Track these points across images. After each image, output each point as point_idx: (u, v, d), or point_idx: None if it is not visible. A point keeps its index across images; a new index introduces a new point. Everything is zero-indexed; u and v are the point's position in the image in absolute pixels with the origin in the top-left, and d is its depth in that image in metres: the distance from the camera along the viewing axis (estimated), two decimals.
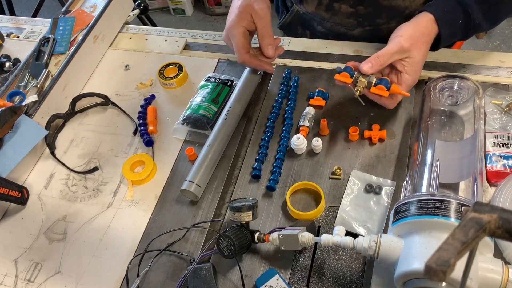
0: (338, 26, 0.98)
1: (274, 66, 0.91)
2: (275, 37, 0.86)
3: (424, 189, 0.64)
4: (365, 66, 0.72)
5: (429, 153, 0.69)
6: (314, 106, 0.84)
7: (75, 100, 0.93)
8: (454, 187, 0.65)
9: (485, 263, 0.53)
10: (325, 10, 0.96)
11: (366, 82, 0.74)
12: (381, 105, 0.80)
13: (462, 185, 0.65)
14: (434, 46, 0.80)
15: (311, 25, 1.02)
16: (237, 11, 0.81)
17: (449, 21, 0.77)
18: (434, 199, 0.56)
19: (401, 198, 0.69)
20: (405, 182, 0.70)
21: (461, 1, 0.76)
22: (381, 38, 0.87)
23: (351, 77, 0.75)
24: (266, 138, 0.81)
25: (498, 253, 0.62)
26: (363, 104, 0.77)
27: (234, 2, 0.85)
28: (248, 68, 0.90)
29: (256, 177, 0.77)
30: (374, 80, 0.75)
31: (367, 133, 0.79)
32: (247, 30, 0.83)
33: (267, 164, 0.79)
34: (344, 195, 0.73)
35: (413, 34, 0.74)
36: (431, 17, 0.76)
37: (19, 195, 0.79)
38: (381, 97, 0.77)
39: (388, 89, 0.74)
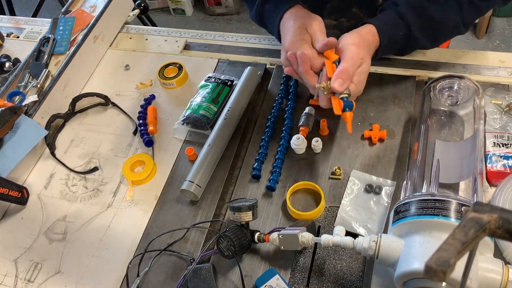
0: None
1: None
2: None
3: (424, 189, 0.64)
4: (337, 85, 0.68)
5: (429, 153, 0.69)
6: (314, 106, 0.84)
7: (75, 100, 0.93)
8: (454, 187, 0.66)
9: (485, 263, 0.53)
10: None
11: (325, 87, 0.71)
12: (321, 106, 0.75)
13: (462, 185, 0.65)
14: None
15: None
16: (293, 29, 0.77)
17: (389, 32, 0.79)
18: (434, 199, 0.56)
19: (401, 198, 0.69)
20: (405, 182, 0.70)
21: (402, 15, 0.78)
22: None
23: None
24: (266, 138, 0.81)
25: (498, 253, 0.62)
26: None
27: (287, 25, 0.79)
28: (248, 68, 0.90)
29: (256, 177, 0.77)
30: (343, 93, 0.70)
31: (367, 133, 0.79)
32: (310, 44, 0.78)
33: (267, 164, 0.79)
34: (344, 195, 0.73)
35: (360, 43, 0.74)
36: (373, 28, 0.78)
37: (19, 195, 0.79)
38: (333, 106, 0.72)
39: (343, 111, 0.70)
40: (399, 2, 0.80)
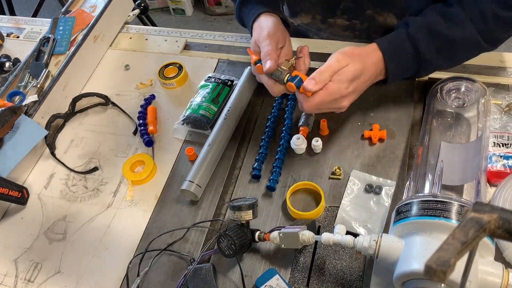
0: (334, 37, 0.98)
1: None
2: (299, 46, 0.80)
3: (426, 190, 0.64)
4: (310, 85, 0.69)
5: (433, 154, 0.69)
6: None
7: (75, 100, 0.93)
8: (457, 189, 0.66)
9: (485, 266, 0.53)
10: (321, 22, 0.96)
11: (279, 78, 0.73)
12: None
13: (465, 186, 0.65)
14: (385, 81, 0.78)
15: (306, 35, 1.02)
16: (270, 28, 0.77)
17: (396, 55, 0.75)
18: (436, 200, 0.55)
19: (403, 198, 0.69)
20: (407, 182, 0.70)
21: (410, 35, 0.74)
22: None
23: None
24: (266, 138, 0.81)
25: (498, 253, 0.62)
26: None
27: (261, 22, 0.79)
28: (248, 68, 0.90)
29: (256, 177, 0.77)
30: (286, 77, 0.72)
31: (367, 133, 0.79)
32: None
33: (267, 164, 0.79)
34: (344, 195, 0.73)
35: (353, 52, 0.72)
36: (375, 47, 0.74)
37: (19, 195, 0.79)
38: (299, 93, 0.73)
39: (298, 87, 0.71)
40: (411, 22, 0.76)
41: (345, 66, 0.70)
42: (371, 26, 0.91)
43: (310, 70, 0.75)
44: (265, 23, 0.78)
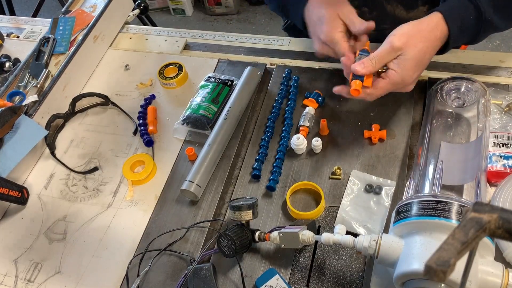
0: None
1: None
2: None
3: (426, 190, 0.64)
4: (358, 67, 0.70)
5: (433, 154, 0.69)
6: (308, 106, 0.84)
7: (75, 100, 0.93)
8: (457, 189, 0.66)
9: (485, 266, 0.53)
10: None
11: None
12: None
13: (465, 186, 0.65)
14: (445, 47, 0.76)
15: None
16: (326, 19, 0.76)
17: (458, 16, 0.73)
18: (436, 200, 0.55)
19: (403, 198, 0.69)
20: (407, 182, 0.70)
21: None
22: None
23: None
24: (266, 138, 0.81)
25: (498, 253, 0.62)
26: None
27: (315, 13, 0.79)
28: (248, 68, 0.90)
29: (256, 177, 0.77)
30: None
31: (367, 133, 0.79)
32: (344, 33, 0.77)
33: (267, 164, 0.79)
34: (344, 195, 0.73)
35: (409, 32, 0.71)
36: (438, 14, 0.73)
37: (19, 195, 0.79)
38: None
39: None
40: None
41: (404, 52, 0.69)
42: (380, 15, 0.90)
43: None
44: (317, 13, 0.77)
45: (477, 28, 0.75)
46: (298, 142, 0.77)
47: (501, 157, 0.72)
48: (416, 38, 0.71)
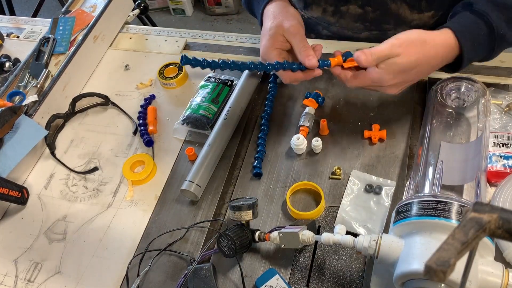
0: (344, 30, 0.97)
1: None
2: (313, 44, 0.77)
3: (426, 190, 0.64)
4: (362, 57, 0.68)
5: (433, 154, 0.69)
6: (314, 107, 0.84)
7: (75, 100, 0.93)
8: (457, 189, 0.66)
9: (485, 266, 0.53)
10: (332, 15, 0.96)
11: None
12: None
13: (465, 186, 0.65)
14: (458, 65, 0.74)
15: (316, 29, 1.02)
16: (268, 35, 0.77)
17: (468, 33, 0.71)
18: (436, 200, 0.55)
19: (403, 198, 0.69)
20: (407, 182, 0.70)
21: (480, 13, 0.71)
22: None
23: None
24: (263, 136, 0.81)
25: (498, 253, 0.62)
26: None
27: (264, 25, 0.79)
28: None
29: (257, 175, 0.77)
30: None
31: (367, 133, 0.79)
32: (282, 50, 0.77)
33: (267, 163, 0.79)
34: (344, 195, 0.73)
35: (413, 41, 0.69)
36: (448, 32, 0.70)
37: (19, 195, 0.79)
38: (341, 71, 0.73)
39: (344, 60, 0.72)
40: (473, 0, 0.73)
41: (397, 56, 0.68)
42: (383, 14, 0.90)
43: None
44: (267, 23, 0.78)
45: (491, 44, 0.73)
46: (298, 142, 0.77)
47: (501, 157, 0.72)
48: (415, 49, 0.69)
